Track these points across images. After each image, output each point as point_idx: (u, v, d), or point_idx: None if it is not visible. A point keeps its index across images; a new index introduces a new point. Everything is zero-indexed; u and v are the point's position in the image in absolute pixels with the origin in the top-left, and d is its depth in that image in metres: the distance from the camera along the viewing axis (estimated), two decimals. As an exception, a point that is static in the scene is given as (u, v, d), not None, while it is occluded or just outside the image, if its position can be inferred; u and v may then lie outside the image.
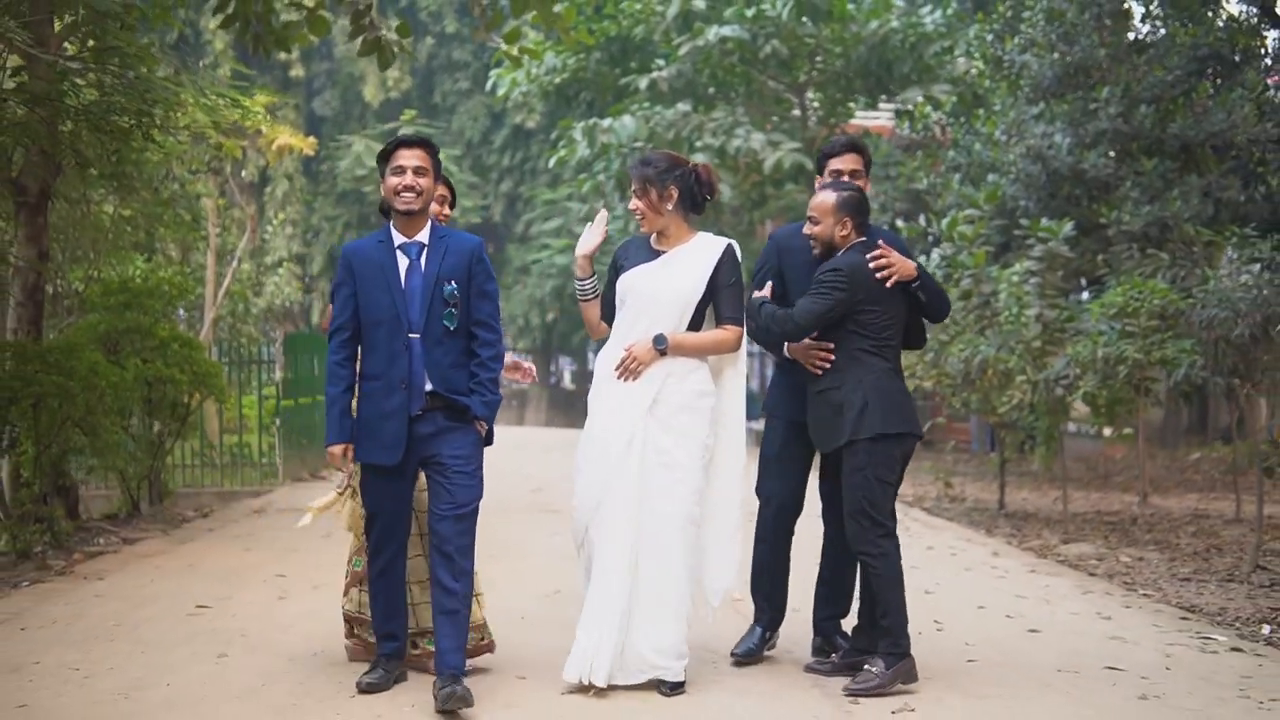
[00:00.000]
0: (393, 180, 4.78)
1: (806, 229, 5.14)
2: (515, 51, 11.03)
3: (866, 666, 4.88)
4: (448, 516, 4.68)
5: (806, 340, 5.10)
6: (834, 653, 5.27)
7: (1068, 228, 10.56)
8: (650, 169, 5.06)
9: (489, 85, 21.28)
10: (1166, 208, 12.01)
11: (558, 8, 10.49)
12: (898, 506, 5.16)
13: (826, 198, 5.10)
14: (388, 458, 4.70)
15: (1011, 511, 11.24)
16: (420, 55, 29.97)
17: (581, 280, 5.19)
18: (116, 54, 6.92)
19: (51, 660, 5.07)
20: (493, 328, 4.86)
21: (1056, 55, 12.97)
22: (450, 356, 4.77)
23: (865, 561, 4.93)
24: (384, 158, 4.85)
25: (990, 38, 13.86)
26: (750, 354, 23.67)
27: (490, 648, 5.22)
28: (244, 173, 23.57)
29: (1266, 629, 6.40)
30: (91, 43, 7.79)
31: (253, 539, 8.92)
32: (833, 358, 5.04)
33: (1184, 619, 6.52)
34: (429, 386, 4.72)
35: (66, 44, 8.42)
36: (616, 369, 4.99)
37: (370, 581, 4.90)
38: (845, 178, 5.29)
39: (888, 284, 4.99)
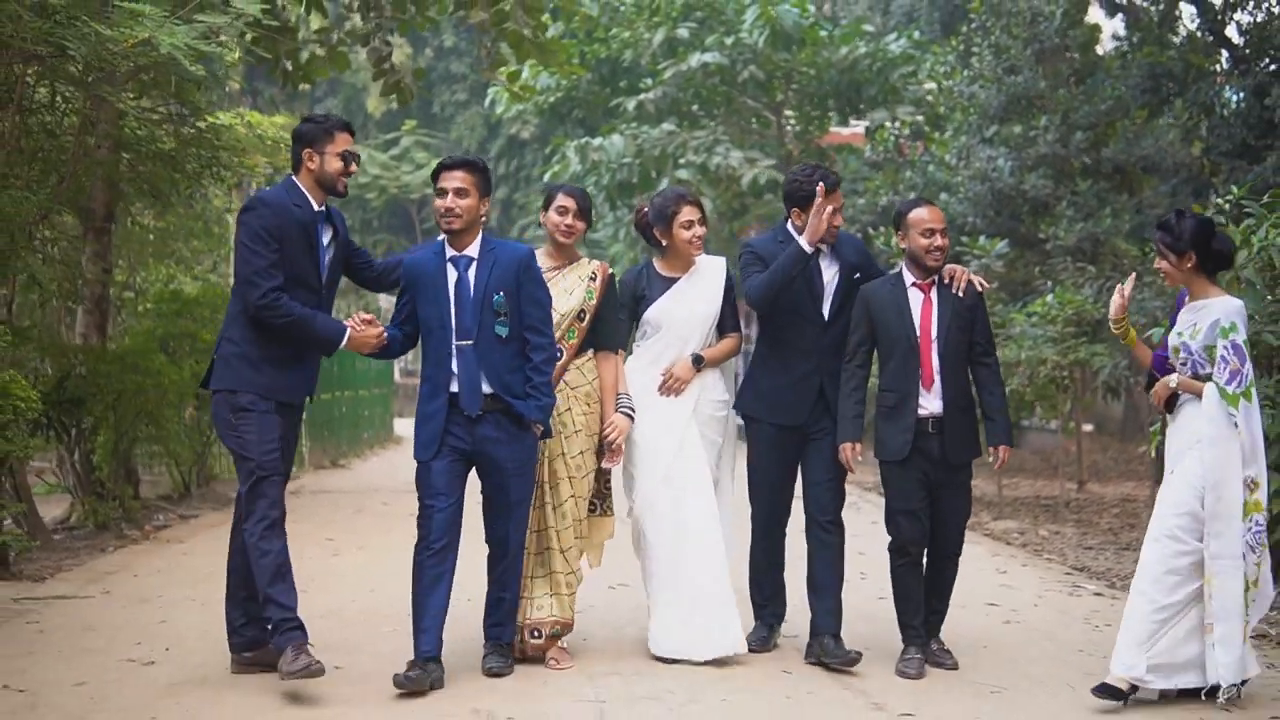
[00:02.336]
0: (437, 202, 5.12)
1: (940, 240, 5.45)
2: (517, 89, 12.47)
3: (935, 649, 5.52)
4: (501, 516, 5.10)
5: None
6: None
7: (1000, 245, 12.05)
8: None
9: (487, 101, 22.72)
10: (1098, 225, 13.47)
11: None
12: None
13: (939, 213, 5.57)
14: (424, 455, 5.07)
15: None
16: (420, 65, 31.37)
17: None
18: (192, 109, 8.36)
19: (171, 594, 6.58)
20: (543, 332, 5.14)
21: (1008, 83, 14.41)
22: (506, 361, 5.07)
23: (953, 564, 5.62)
24: (433, 179, 5.20)
25: (944, 70, 15.33)
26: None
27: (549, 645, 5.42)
28: (253, 183, 24.96)
29: (1135, 581, 7.88)
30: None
31: (295, 514, 10.18)
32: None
33: (1068, 575, 7.98)
34: (487, 389, 5.03)
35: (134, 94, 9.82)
36: (661, 388, 5.62)
37: (417, 573, 5.09)
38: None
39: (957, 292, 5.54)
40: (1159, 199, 13.92)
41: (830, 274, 5.63)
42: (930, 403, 5.43)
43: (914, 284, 5.50)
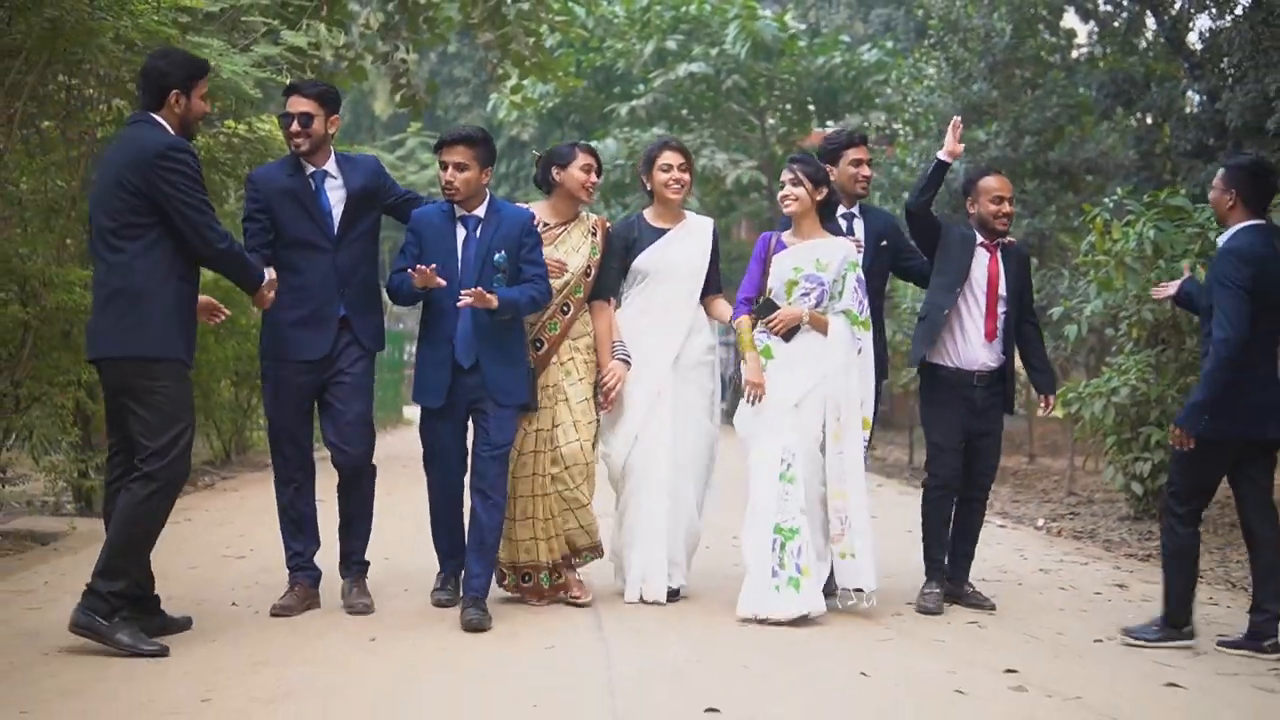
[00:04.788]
0: (442, 174, 5.43)
1: (1008, 208, 6.01)
2: (519, 100, 13.93)
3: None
4: (485, 456, 5.39)
5: None
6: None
7: (948, 241, 13.51)
8: None
9: (489, 107, 24.15)
10: (1044, 221, 14.91)
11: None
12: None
13: (1007, 181, 6.14)
14: (433, 401, 5.47)
15: (919, 467, 14.11)
16: (424, 72, 32.74)
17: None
18: (242, 119, 9.84)
19: (240, 520, 8.06)
20: (542, 279, 5.47)
21: (963, 93, 15.83)
22: (496, 319, 5.34)
23: (981, 507, 6.43)
24: (436, 151, 5.51)
25: (905, 80, 16.82)
26: (727, 343, 26.40)
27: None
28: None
29: (1040, 521, 9.34)
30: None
31: (328, 475, 11.81)
32: None
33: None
34: (480, 343, 5.34)
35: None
36: (604, 400, 5.75)
37: (433, 510, 5.80)
38: (864, 166, 6.12)
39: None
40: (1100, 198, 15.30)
41: (861, 238, 6.09)
42: (988, 355, 5.89)
43: (981, 243, 5.99)
